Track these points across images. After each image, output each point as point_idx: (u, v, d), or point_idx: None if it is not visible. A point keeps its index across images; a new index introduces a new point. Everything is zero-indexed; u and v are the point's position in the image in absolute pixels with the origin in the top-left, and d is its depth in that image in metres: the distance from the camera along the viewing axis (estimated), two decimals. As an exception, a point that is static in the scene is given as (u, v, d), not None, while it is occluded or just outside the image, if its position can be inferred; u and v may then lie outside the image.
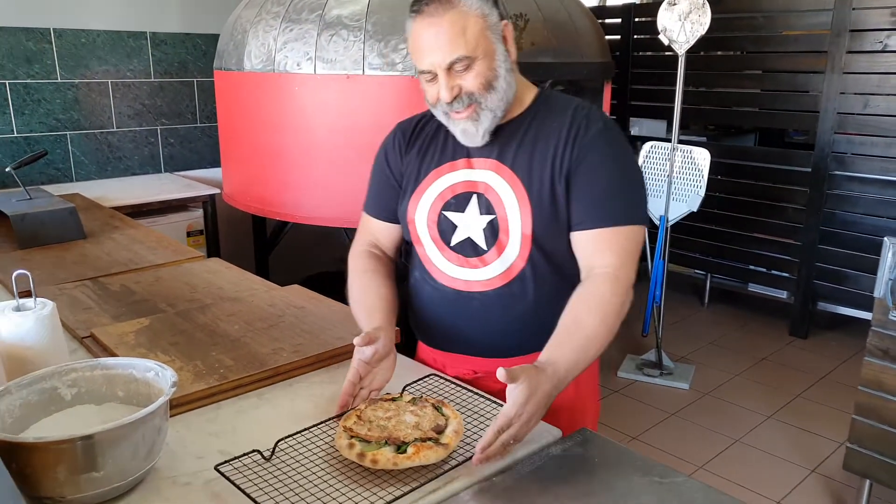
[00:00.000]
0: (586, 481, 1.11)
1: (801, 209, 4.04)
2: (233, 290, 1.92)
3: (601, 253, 1.30)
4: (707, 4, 3.01)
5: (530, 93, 1.43)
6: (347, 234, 3.17)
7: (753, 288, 4.49)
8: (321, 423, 1.23)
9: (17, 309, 1.24)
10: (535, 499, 1.06)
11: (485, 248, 1.38)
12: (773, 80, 4.21)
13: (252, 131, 3.01)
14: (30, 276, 1.23)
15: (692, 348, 3.93)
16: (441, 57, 1.26)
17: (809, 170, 3.97)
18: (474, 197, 1.38)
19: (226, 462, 1.11)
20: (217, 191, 3.58)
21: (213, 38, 3.97)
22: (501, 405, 1.28)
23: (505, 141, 1.38)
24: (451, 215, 1.40)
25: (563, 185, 1.32)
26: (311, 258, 4.03)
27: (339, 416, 1.23)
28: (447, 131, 1.43)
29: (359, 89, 2.70)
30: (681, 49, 3.11)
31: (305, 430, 1.21)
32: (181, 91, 3.98)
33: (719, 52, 4.53)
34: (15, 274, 1.22)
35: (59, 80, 3.58)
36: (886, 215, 3.74)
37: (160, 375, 1.15)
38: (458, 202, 1.39)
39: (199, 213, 3.57)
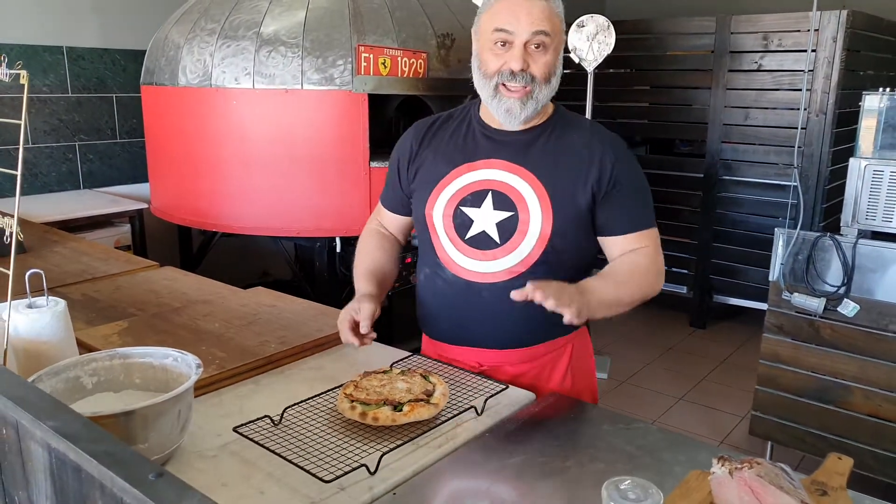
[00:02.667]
0: (564, 431, 1.30)
1: (695, 211, 4.46)
2: (198, 294, 2.00)
3: (637, 244, 1.49)
4: (612, 27, 3.33)
5: (550, 106, 1.54)
6: (283, 245, 3.26)
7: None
8: (323, 392, 1.37)
9: (30, 307, 1.31)
10: (520, 446, 1.24)
11: (498, 241, 1.47)
12: (666, 94, 4.62)
13: (187, 145, 3.06)
14: (42, 274, 1.30)
15: (606, 341, 4.25)
16: (530, 25, 1.36)
17: (702, 175, 4.39)
18: (489, 194, 1.47)
19: (241, 425, 1.24)
20: (144, 205, 3.57)
21: (133, 54, 3.96)
22: (481, 377, 1.46)
23: (526, 146, 1.49)
24: (467, 210, 1.49)
25: (588, 196, 1.45)
26: (237, 271, 4.06)
27: (338, 387, 1.38)
28: (466, 133, 1.54)
29: (297, 103, 2.82)
30: (589, 67, 3.41)
31: (309, 399, 1.35)
32: (100, 107, 3.93)
33: (611, 70, 4.90)
34: (29, 273, 1.29)
35: (-30, 96, 3.49)
36: (768, 214, 4.19)
37: (179, 361, 1.25)
38: (475, 198, 1.48)
39: (127, 228, 3.55)
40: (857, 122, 2.22)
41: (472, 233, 1.49)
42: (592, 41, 3.34)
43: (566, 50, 3.52)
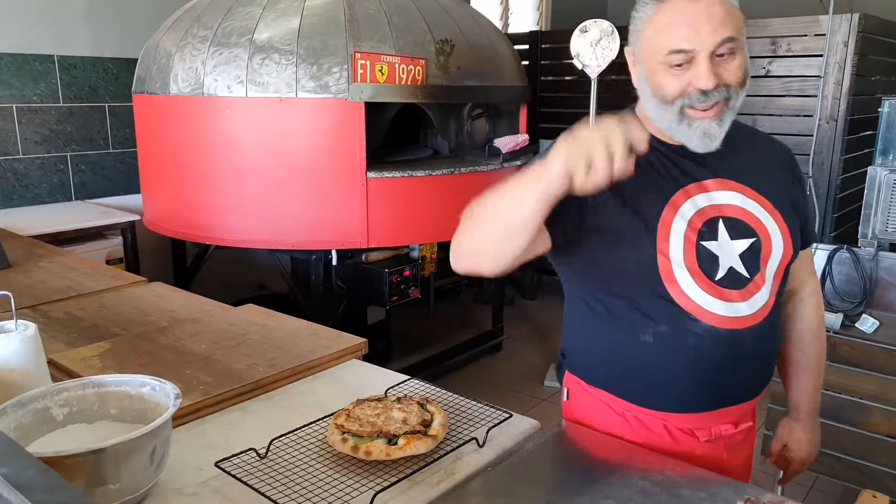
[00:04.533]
0: (574, 464, 1.20)
1: (700, 221, 4.36)
2: (187, 312, 1.91)
3: (809, 268, 1.44)
4: (616, 32, 3.24)
5: None
6: (279, 258, 3.17)
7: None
8: (311, 423, 1.28)
9: (-2, 331, 1.21)
10: (526, 481, 1.14)
11: (748, 276, 1.24)
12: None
13: (179, 155, 2.98)
14: (11, 297, 1.21)
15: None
16: (712, 36, 1.11)
17: (707, 184, 4.29)
18: (719, 222, 1.24)
19: (224, 460, 1.15)
20: (137, 217, 3.48)
21: (126, 62, 3.88)
22: (485, 404, 1.36)
23: (727, 158, 1.26)
24: (708, 245, 1.23)
25: (797, 205, 1.33)
26: (233, 284, 3.97)
27: (329, 416, 1.28)
28: (650, 155, 1.21)
29: (292, 112, 2.73)
30: (593, 74, 3.32)
31: (297, 429, 1.25)
32: (92, 116, 3.85)
33: (614, 77, 4.83)
34: (-3, 295, 1.20)
35: (-41, 106, 3.40)
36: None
37: (157, 390, 1.16)
38: (710, 230, 1.23)
39: (118, 240, 3.46)
40: (876, 129, 2.13)
41: (722, 271, 1.23)
42: (596, 47, 3.25)
43: (565, 57, 3.45)
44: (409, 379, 1.48)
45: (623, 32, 3.60)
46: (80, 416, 1.17)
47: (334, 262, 2.94)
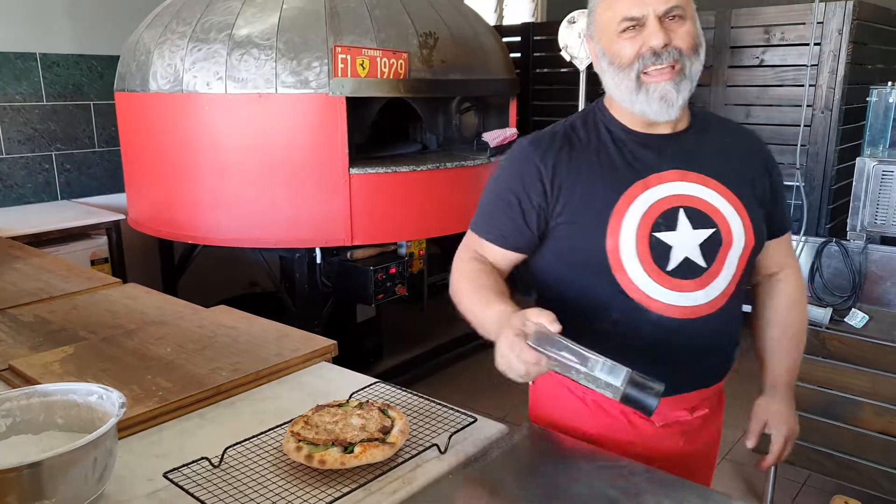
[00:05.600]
0: (538, 471, 1.16)
1: (695, 214, 4.29)
2: (157, 315, 1.87)
3: (787, 253, 1.44)
4: (604, 22, 3.18)
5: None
6: (263, 255, 3.13)
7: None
8: (269, 430, 1.24)
9: (-60, 340, 1.17)
10: (487, 490, 1.10)
11: (704, 265, 1.25)
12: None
13: (160, 154, 2.94)
14: (-47, 304, 1.17)
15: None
16: (659, 3, 1.17)
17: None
18: (680, 211, 1.25)
19: (174, 470, 1.11)
20: (121, 217, 3.44)
21: (110, 60, 3.83)
22: (451, 408, 1.32)
23: (693, 149, 1.29)
24: (661, 236, 1.24)
25: (765, 195, 1.34)
26: (222, 282, 3.93)
27: (286, 423, 1.24)
28: (613, 144, 1.28)
29: (272, 108, 2.69)
30: (581, 65, 3.27)
31: (254, 437, 1.22)
32: (77, 115, 3.81)
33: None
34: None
35: (-59, 105, 3.37)
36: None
37: (104, 398, 1.12)
38: (667, 220, 1.24)
39: (103, 240, 3.42)
40: (865, 119, 2.07)
41: (675, 262, 1.24)
42: (584, 38, 3.20)
43: (557, 48, 3.40)
44: (375, 382, 1.43)
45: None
46: (25, 427, 1.14)
47: (318, 261, 2.90)
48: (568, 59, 3.24)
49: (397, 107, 3.22)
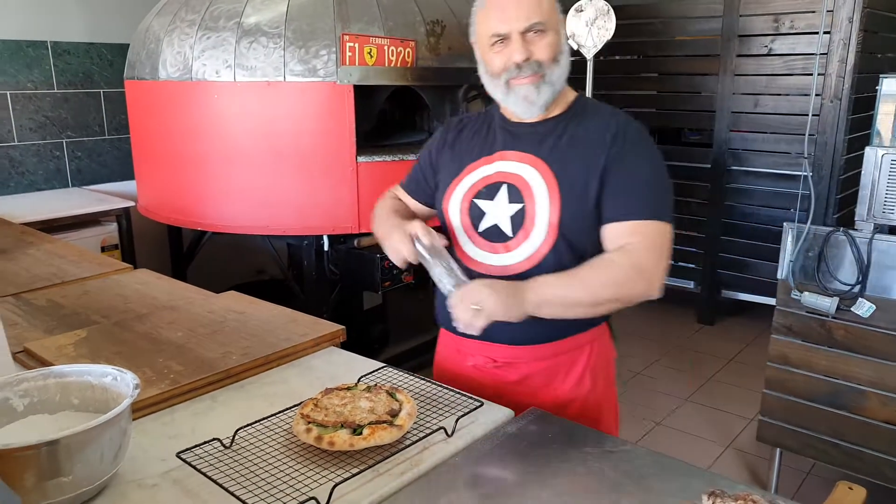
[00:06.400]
0: (543, 454, 1.17)
1: (703, 203, 4.29)
2: (167, 300, 1.89)
3: (629, 237, 1.36)
4: (612, 11, 3.18)
5: (571, 95, 1.49)
6: (272, 242, 3.15)
7: (662, 280, 4.72)
8: (279, 412, 1.26)
9: (-43, 321, 1.20)
10: (493, 472, 1.12)
11: (510, 234, 1.44)
12: (671, 82, 4.46)
13: (169, 141, 2.96)
14: (-30, 286, 1.19)
15: (610, 339, 4.11)
16: (519, 21, 1.36)
17: (709, 166, 4.22)
18: (504, 186, 1.45)
19: (187, 450, 1.13)
20: (131, 203, 3.47)
21: (120, 48, 3.85)
22: (457, 392, 1.34)
23: (542, 137, 1.45)
24: (481, 203, 1.47)
25: (597, 182, 1.38)
26: (231, 269, 3.96)
27: (295, 406, 1.26)
28: (487, 130, 1.53)
29: (280, 96, 2.70)
30: (588, 53, 3.26)
31: (264, 419, 1.24)
32: (87, 102, 3.83)
33: (616, 56, 4.75)
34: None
35: (-47, 93, 3.40)
36: (779, 206, 4.03)
37: (119, 380, 1.14)
38: (489, 191, 1.46)
39: (113, 227, 3.45)
40: (874, 108, 2.07)
41: (484, 225, 1.47)
42: (592, 26, 3.19)
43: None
44: (383, 367, 1.45)
45: (619, 12, 3.53)
46: (41, 407, 1.16)
47: (326, 248, 2.91)
48: (575, 47, 3.23)
49: (404, 95, 3.23)
